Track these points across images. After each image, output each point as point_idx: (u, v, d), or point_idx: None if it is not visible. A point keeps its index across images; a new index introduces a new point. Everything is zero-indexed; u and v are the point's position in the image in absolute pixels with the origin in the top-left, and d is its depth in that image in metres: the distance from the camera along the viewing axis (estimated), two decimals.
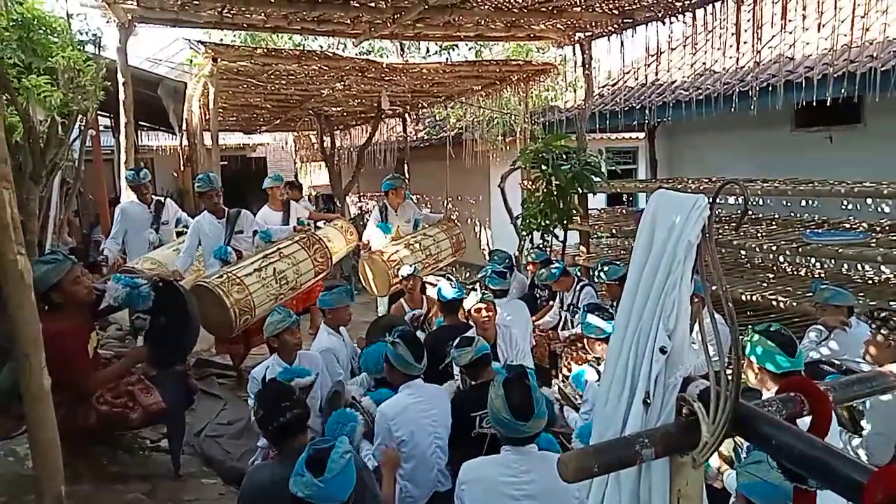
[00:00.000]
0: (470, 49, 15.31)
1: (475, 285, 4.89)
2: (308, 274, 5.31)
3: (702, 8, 5.77)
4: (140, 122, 9.73)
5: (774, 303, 5.15)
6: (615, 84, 9.53)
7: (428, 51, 16.09)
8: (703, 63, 7.80)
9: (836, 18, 5.61)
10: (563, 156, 6.81)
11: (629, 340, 1.46)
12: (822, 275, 5.93)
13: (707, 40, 6.95)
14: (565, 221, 6.82)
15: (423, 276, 5.77)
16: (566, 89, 10.01)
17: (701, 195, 1.38)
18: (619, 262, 5.20)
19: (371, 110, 10.76)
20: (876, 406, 2.95)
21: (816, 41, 6.33)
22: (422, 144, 12.63)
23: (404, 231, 6.53)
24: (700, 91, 7.12)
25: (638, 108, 8.03)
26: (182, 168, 10.76)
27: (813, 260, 6.08)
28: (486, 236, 11.64)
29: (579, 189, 6.72)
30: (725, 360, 2.07)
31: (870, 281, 5.64)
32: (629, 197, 12.03)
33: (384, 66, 7.69)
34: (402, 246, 6.21)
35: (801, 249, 4.98)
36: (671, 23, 6.10)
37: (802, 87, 6.03)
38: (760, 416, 1.23)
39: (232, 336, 4.82)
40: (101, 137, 8.97)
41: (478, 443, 2.99)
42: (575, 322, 5.08)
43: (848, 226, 5.81)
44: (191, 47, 7.00)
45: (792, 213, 6.92)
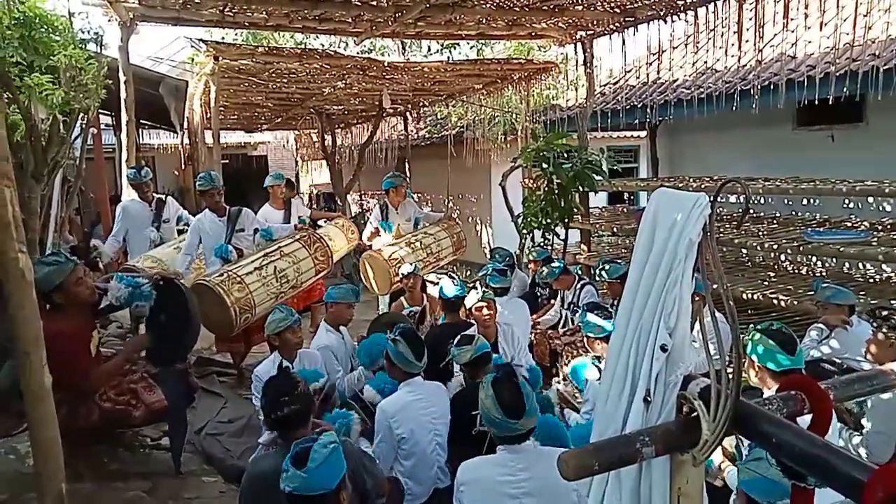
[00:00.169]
0: (471, 48, 15.30)
1: (476, 283, 4.88)
2: (309, 272, 5.32)
3: (703, 6, 5.76)
4: (141, 121, 9.75)
5: (775, 301, 5.14)
6: (616, 82, 9.52)
7: (429, 49, 16.08)
8: (705, 61, 7.80)
9: (838, 17, 5.60)
10: (565, 154, 6.81)
11: (630, 338, 1.46)
12: (823, 273, 5.92)
13: (709, 39, 6.94)
14: (566, 220, 6.82)
15: (423, 275, 5.78)
16: (567, 88, 9.98)
17: (702, 194, 1.38)
18: (620, 261, 5.20)
19: (372, 109, 10.76)
20: (877, 405, 2.94)
21: (818, 40, 6.31)
22: (423, 143, 12.63)
23: (405, 229, 6.53)
24: (701, 89, 7.11)
25: (639, 106, 8.01)
26: (183, 166, 10.76)
27: (814, 258, 6.07)
28: (487, 235, 11.64)
29: (580, 187, 6.71)
30: (726, 358, 2.07)
31: (871, 280, 5.63)
32: (630, 195, 12.02)
33: (385, 64, 7.68)
34: (403, 244, 6.21)
35: (802, 248, 4.97)
36: (673, 21, 6.09)
37: (804, 85, 6.01)
38: (761, 414, 1.23)
39: (232, 334, 4.83)
40: (102, 136, 8.99)
41: (478, 441, 2.99)
42: (575, 320, 5.08)
43: (849, 224, 5.80)
44: (192, 46, 7.00)
45: (793, 212, 6.91)
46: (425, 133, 13.09)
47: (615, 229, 7.41)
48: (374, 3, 5.66)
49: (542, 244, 6.90)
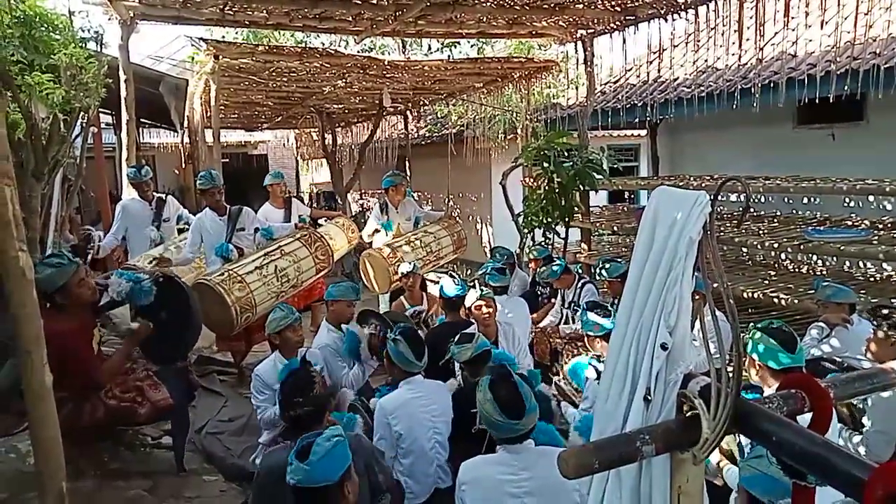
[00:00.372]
0: (472, 46, 15.29)
1: (475, 282, 4.89)
2: (309, 271, 5.32)
3: (704, 5, 5.75)
4: (142, 120, 9.75)
5: (776, 300, 5.14)
6: (617, 81, 9.51)
7: (430, 48, 16.06)
8: (706, 60, 7.79)
9: (839, 15, 5.60)
10: (565, 153, 6.80)
11: (630, 337, 1.46)
12: (823, 272, 5.92)
13: (709, 37, 6.93)
14: (567, 219, 6.82)
15: (423, 274, 5.78)
16: (568, 86, 9.97)
17: (702, 192, 1.38)
18: (620, 260, 5.20)
19: (373, 107, 10.75)
20: (877, 403, 2.95)
21: (819, 38, 6.30)
22: (423, 142, 12.63)
23: (405, 228, 6.53)
24: (702, 88, 7.10)
25: (640, 105, 8.01)
26: (183, 165, 10.75)
27: (815, 257, 6.06)
28: (487, 233, 11.64)
29: (581, 186, 6.71)
30: (726, 356, 2.07)
31: (871, 278, 5.63)
32: (631, 194, 12.02)
33: (386, 63, 7.67)
34: (403, 243, 6.21)
35: (802, 247, 4.97)
36: (673, 20, 6.08)
37: (805, 84, 6.01)
38: (761, 412, 1.23)
39: (233, 333, 4.83)
40: (102, 135, 8.98)
41: (478, 439, 3.00)
42: (576, 319, 5.08)
43: (850, 223, 5.79)
44: (192, 44, 7.00)
45: (794, 211, 6.90)
46: (426, 132, 13.09)
47: (616, 228, 7.40)
48: (375, 1, 5.65)
49: (542, 243, 6.90)
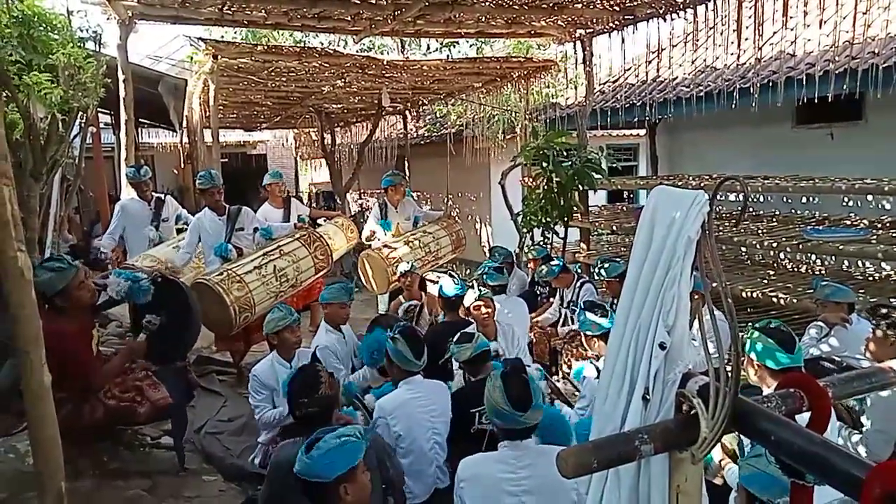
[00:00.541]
0: (471, 46, 15.28)
1: (474, 282, 4.89)
2: (308, 271, 5.31)
3: (703, 4, 5.75)
4: (140, 120, 9.75)
5: (775, 299, 5.15)
6: (616, 81, 9.51)
7: (429, 48, 16.05)
8: (704, 60, 7.79)
9: (837, 15, 5.60)
10: (564, 153, 6.80)
11: (629, 336, 1.46)
12: (822, 271, 5.93)
13: (708, 37, 6.93)
14: (566, 218, 6.82)
15: (422, 273, 5.78)
16: (567, 86, 9.97)
17: (700, 191, 1.38)
18: (618, 259, 5.20)
19: (372, 107, 10.74)
20: (876, 403, 2.95)
21: (818, 37, 6.30)
22: (422, 141, 12.63)
23: (404, 228, 6.53)
24: (701, 88, 7.10)
25: (639, 104, 8.01)
26: (182, 165, 10.75)
27: (813, 256, 6.07)
28: (486, 233, 11.64)
29: (580, 186, 6.71)
30: (725, 356, 2.07)
31: (870, 278, 5.63)
32: (630, 194, 12.02)
33: (385, 62, 7.67)
34: (402, 243, 6.20)
35: (801, 246, 4.97)
36: (672, 19, 6.08)
37: (804, 83, 6.01)
38: (759, 411, 1.23)
39: (232, 333, 4.83)
40: (101, 134, 8.98)
41: (477, 439, 3.00)
42: (574, 319, 5.08)
43: (849, 223, 5.80)
44: (191, 44, 6.99)
45: (793, 210, 6.90)
46: (425, 131, 13.09)
47: (614, 228, 7.41)
48: (373, 1, 5.65)
49: (541, 242, 6.90)
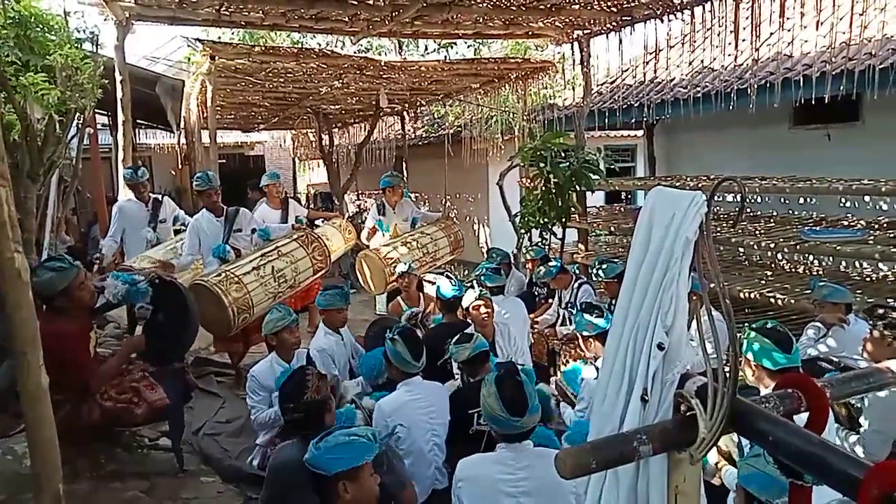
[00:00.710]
0: (468, 47, 15.30)
1: (472, 283, 4.89)
2: (306, 272, 5.31)
3: (700, 5, 5.77)
4: (138, 121, 9.72)
5: (772, 300, 5.16)
6: (613, 82, 9.52)
7: (426, 49, 16.06)
8: (702, 61, 7.80)
9: (834, 16, 5.61)
10: (562, 153, 6.81)
11: (627, 337, 1.46)
12: (820, 272, 5.94)
13: (705, 38, 6.94)
14: (564, 219, 6.83)
15: (420, 274, 5.78)
16: (564, 87, 9.99)
17: (698, 192, 1.38)
18: (616, 260, 5.21)
19: (369, 108, 10.74)
20: (874, 403, 2.95)
21: (815, 39, 6.33)
22: (420, 142, 12.62)
23: (402, 229, 6.53)
24: (698, 89, 7.12)
25: (636, 105, 8.02)
26: (180, 166, 10.74)
27: (811, 257, 6.08)
28: (484, 234, 11.64)
29: (577, 187, 6.72)
30: (723, 357, 2.07)
31: (867, 278, 5.65)
32: (627, 195, 12.01)
33: (382, 63, 7.67)
34: (400, 244, 6.21)
35: (798, 247, 4.99)
36: (669, 20, 6.10)
37: (801, 84, 6.03)
38: (757, 412, 1.23)
39: (230, 334, 4.82)
40: (98, 136, 8.94)
41: (475, 440, 3.00)
42: (572, 320, 5.08)
43: (846, 223, 5.82)
44: (189, 45, 6.99)
45: (790, 211, 6.92)
46: (422, 132, 13.08)
47: (612, 228, 7.41)
48: (371, 2, 5.66)
49: (539, 243, 6.90)
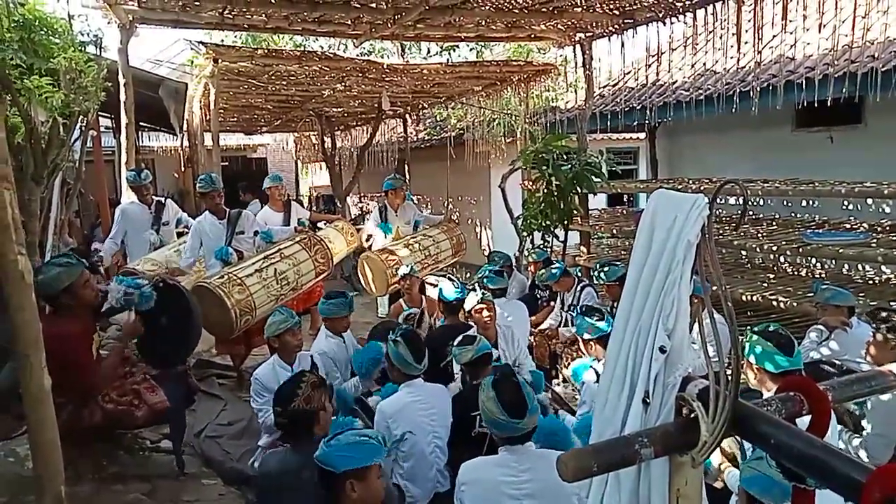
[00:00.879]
0: (471, 50, 15.31)
1: (475, 285, 4.89)
2: (309, 275, 5.31)
3: (702, 8, 5.77)
4: (141, 123, 9.74)
5: (775, 303, 5.14)
6: (616, 84, 9.52)
7: (429, 51, 16.10)
8: (704, 63, 7.81)
9: (836, 18, 5.61)
10: (564, 156, 6.81)
11: (629, 340, 1.46)
12: (822, 275, 5.92)
13: (708, 40, 6.96)
14: (566, 222, 6.82)
15: (422, 277, 5.78)
16: (567, 90, 9.98)
17: (700, 195, 1.38)
18: (618, 263, 5.20)
19: (372, 111, 10.76)
20: (877, 407, 2.94)
21: (817, 41, 6.32)
22: (422, 145, 12.63)
23: (404, 232, 6.53)
24: (701, 91, 7.11)
25: (638, 108, 8.02)
26: (183, 169, 10.76)
27: (813, 260, 6.07)
28: (486, 237, 11.64)
29: (580, 189, 6.71)
30: (725, 359, 2.07)
31: (870, 281, 5.63)
32: (630, 197, 12.03)
33: (385, 66, 7.69)
34: (401, 246, 6.21)
35: (801, 250, 4.97)
36: (672, 23, 6.10)
37: (803, 87, 6.02)
38: (759, 415, 1.23)
39: (233, 337, 4.82)
40: (102, 138, 8.97)
41: (478, 442, 2.99)
42: (574, 323, 5.08)
43: (848, 226, 5.81)
44: (192, 48, 7.00)
45: (792, 214, 6.91)
46: (425, 135, 13.09)
47: (615, 231, 7.41)
48: (374, 5, 5.67)
49: (541, 246, 6.90)
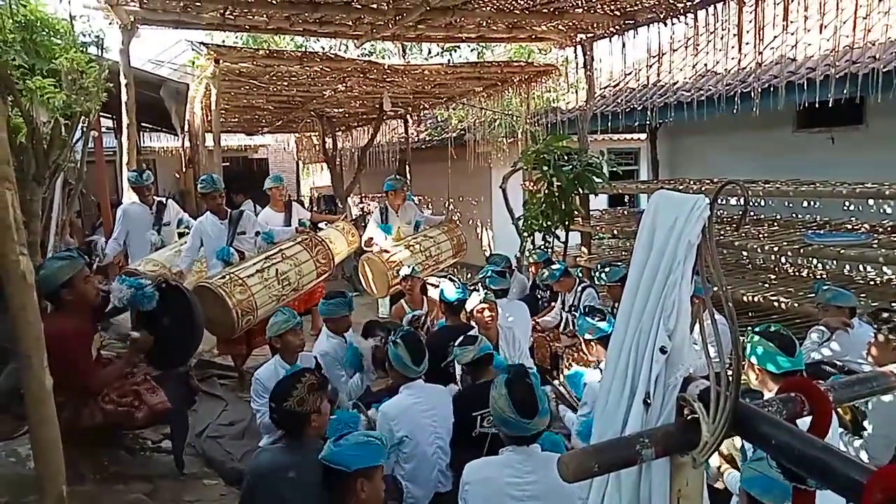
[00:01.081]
0: (472, 50, 15.33)
1: (476, 286, 4.89)
2: (310, 275, 5.32)
3: (703, 9, 5.77)
4: (142, 124, 9.75)
5: (776, 304, 5.14)
6: (617, 85, 9.52)
7: (430, 52, 16.11)
8: (705, 64, 7.81)
9: (837, 19, 5.60)
10: (565, 157, 6.81)
11: (629, 341, 1.46)
12: (823, 276, 5.92)
13: (709, 41, 6.95)
14: (567, 222, 6.82)
15: (423, 277, 5.78)
16: (568, 90, 9.98)
17: (701, 195, 1.38)
18: (619, 263, 5.19)
19: (373, 111, 10.77)
20: (878, 407, 2.94)
21: (818, 42, 6.32)
22: (423, 146, 12.64)
23: (405, 232, 6.53)
24: (702, 92, 7.11)
25: (639, 109, 8.02)
26: (184, 169, 10.76)
27: (815, 261, 6.07)
28: (487, 237, 11.64)
29: (581, 190, 6.71)
30: (726, 360, 2.07)
31: (872, 282, 5.63)
32: (631, 198, 12.02)
33: (386, 67, 7.69)
34: (402, 247, 6.21)
35: (802, 250, 4.97)
36: (673, 24, 6.10)
37: (804, 88, 6.02)
38: (760, 415, 1.23)
39: (234, 337, 4.83)
40: (103, 139, 8.98)
41: (479, 442, 2.99)
42: (575, 324, 5.07)
43: (850, 227, 5.80)
44: (193, 49, 7.02)
45: (794, 214, 6.91)
46: (426, 136, 13.10)
47: (616, 232, 7.41)
48: (375, 6, 5.67)
49: (542, 246, 6.89)
